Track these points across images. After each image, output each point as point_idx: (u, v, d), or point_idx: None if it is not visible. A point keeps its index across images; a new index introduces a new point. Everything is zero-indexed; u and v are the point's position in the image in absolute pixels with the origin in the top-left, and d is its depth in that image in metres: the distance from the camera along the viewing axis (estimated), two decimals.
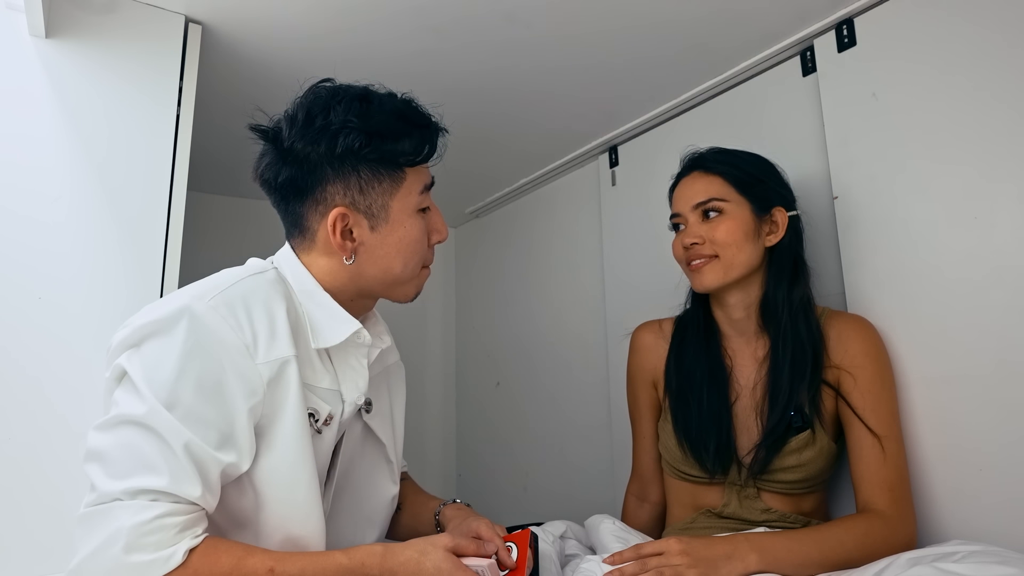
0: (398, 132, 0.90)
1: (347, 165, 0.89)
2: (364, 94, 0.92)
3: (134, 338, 0.80)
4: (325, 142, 0.88)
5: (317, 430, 0.89)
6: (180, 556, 0.72)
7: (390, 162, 0.90)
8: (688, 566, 0.90)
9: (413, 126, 0.92)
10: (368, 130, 0.88)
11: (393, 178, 0.91)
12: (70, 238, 1.09)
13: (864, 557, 0.93)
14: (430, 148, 0.93)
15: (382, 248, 0.92)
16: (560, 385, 1.97)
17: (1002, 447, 1.00)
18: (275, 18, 1.26)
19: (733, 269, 1.12)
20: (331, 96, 0.91)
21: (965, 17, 1.08)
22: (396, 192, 0.91)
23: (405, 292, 0.98)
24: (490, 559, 0.83)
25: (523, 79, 1.50)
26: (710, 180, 1.15)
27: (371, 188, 0.90)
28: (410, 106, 0.94)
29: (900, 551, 0.91)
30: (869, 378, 1.06)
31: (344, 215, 0.90)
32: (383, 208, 0.91)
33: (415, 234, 0.94)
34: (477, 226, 2.47)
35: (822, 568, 0.94)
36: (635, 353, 1.30)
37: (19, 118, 1.09)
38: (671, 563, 0.90)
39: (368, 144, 0.88)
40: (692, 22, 1.29)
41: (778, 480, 1.08)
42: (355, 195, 0.90)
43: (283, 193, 0.93)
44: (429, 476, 2.42)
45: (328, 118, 0.88)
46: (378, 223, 0.91)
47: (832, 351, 1.09)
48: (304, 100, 0.92)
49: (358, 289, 0.95)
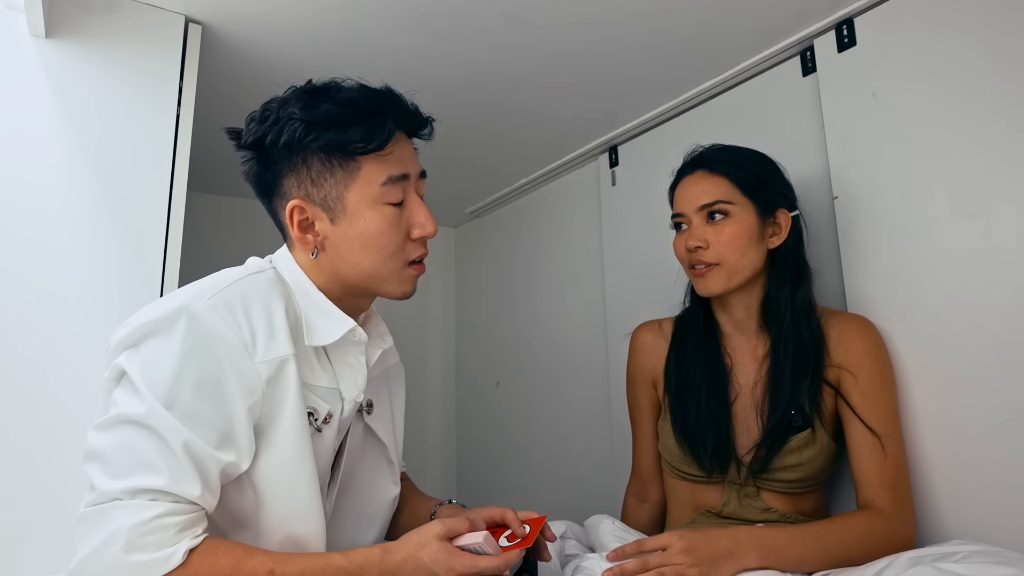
0: (345, 121, 0.88)
1: (296, 156, 0.90)
2: (319, 87, 0.92)
3: (133, 338, 0.80)
4: (272, 135, 0.89)
5: (317, 428, 0.89)
6: (180, 556, 0.72)
7: (339, 151, 0.89)
8: (689, 565, 0.90)
9: (364, 113, 0.89)
10: (310, 120, 0.87)
11: (346, 168, 0.89)
12: (70, 237, 1.09)
13: (864, 554, 0.93)
14: (383, 136, 0.89)
15: (346, 242, 0.90)
16: (560, 385, 1.97)
17: (1002, 447, 1.00)
18: (275, 18, 1.26)
19: (737, 275, 1.11)
20: (291, 92, 0.92)
21: (965, 17, 1.08)
22: (351, 183, 0.89)
23: (388, 289, 0.94)
24: (485, 532, 0.82)
25: (522, 79, 1.50)
26: (716, 181, 1.13)
27: (322, 179, 0.89)
28: (366, 94, 0.91)
29: (900, 549, 0.91)
30: (869, 377, 1.06)
31: (300, 208, 0.90)
32: (338, 200, 0.90)
33: (378, 226, 0.90)
34: (477, 226, 2.47)
35: (823, 565, 0.94)
36: (635, 353, 1.30)
37: (19, 118, 1.09)
38: (672, 562, 0.90)
39: (309, 133, 0.87)
40: (692, 22, 1.29)
41: (778, 479, 1.08)
42: (308, 187, 0.90)
43: (257, 190, 0.95)
44: (429, 476, 2.42)
45: (278, 112, 0.89)
46: (336, 216, 0.90)
47: (833, 351, 1.09)
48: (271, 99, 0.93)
49: (340, 286, 0.94)
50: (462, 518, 0.85)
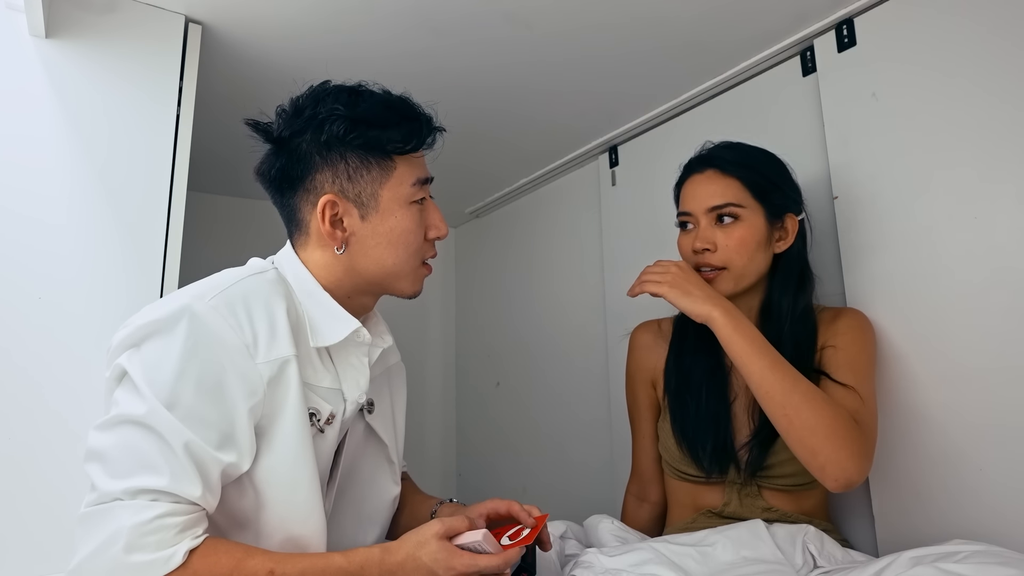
0: (385, 120, 0.91)
1: (334, 152, 0.91)
2: (355, 88, 0.94)
3: (134, 338, 0.80)
4: (312, 130, 0.90)
5: (320, 429, 0.89)
6: (180, 556, 0.72)
7: (378, 150, 0.91)
8: (669, 282, 1.05)
9: (401, 116, 0.93)
10: (354, 117, 0.90)
11: (382, 167, 0.92)
12: (70, 238, 1.09)
13: (807, 408, 0.94)
14: (419, 138, 0.93)
15: (373, 238, 0.92)
16: (560, 385, 1.97)
17: (1002, 447, 1.00)
18: (275, 18, 1.26)
19: (743, 279, 1.10)
20: (322, 90, 0.94)
21: (965, 17, 1.08)
22: (386, 181, 0.92)
23: (403, 287, 0.97)
24: (484, 530, 0.82)
25: (523, 79, 1.50)
26: (727, 183, 1.11)
27: (359, 176, 0.91)
28: (400, 99, 0.95)
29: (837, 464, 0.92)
30: (846, 345, 1.07)
31: (333, 202, 0.90)
32: (373, 196, 0.91)
33: (407, 225, 0.93)
34: (477, 226, 2.47)
35: (762, 382, 0.97)
36: (634, 352, 1.30)
37: (19, 118, 1.08)
38: (659, 270, 1.07)
39: (353, 130, 0.89)
40: (692, 22, 1.29)
41: (777, 475, 1.08)
42: (343, 183, 0.91)
43: (277, 185, 0.95)
44: (429, 475, 2.42)
45: (316, 108, 0.91)
46: (368, 212, 0.92)
47: (821, 335, 1.10)
48: (298, 95, 0.94)
49: (354, 284, 0.95)
50: (461, 517, 0.85)
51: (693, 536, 1.01)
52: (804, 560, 0.96)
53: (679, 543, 0.99)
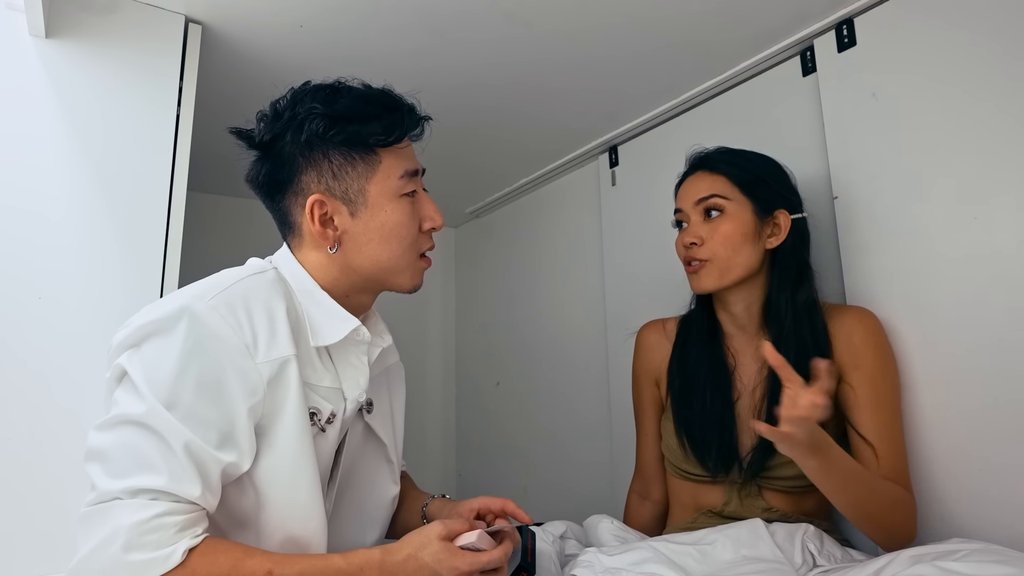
0: (365, 114, 0.90)
1: (316, 152, 0.90)
2: (333, 85, 0.94)
3: (134, 338, 0.80)
4: (292, 132, 0.90)
5: (320, 428, 0.89)
6: (179, 556, 0.72)
7: (360, 144, 0.91)
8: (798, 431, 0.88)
9: (382, 108, 0.92)
10: (332, 114, 0.89)
11: (367, 162, 0.91)
12: (70, 237, 1.09)
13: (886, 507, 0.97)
14: (401, 128, 0.92)
15: (365, 235, 0.92)
16: (560, 385, 1.97)
17: (1002, 446, 1.00)
18: (275, 19, 1.26)
19: (730, 272, 1.11)
20: (301, 91, 0.93)
21: (965, 17, 1.08)
22: (372, 176, 0.92)
23: (401, 282, 0.96)
24: (479, 530, 0.83)
25: (522, 78, 1.50)
26: (714, 179, 1.15)
27: (344, 173, 0.91)
28: (380, 91, 0.94)
29: (910, 524, 0.96)
30: (870, 373, 1.06)
31: (321, 202, 0.90)
32: (360, 192, 0.91)
33: (398, 218, 0.92)
34: (477, 226, 2.47)
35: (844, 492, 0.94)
36: (639, 352, 1.31)
37: (19, 118, 1.08)
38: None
39: (332, 127, 0.89)
40: (692, 22, 1.29)
41: (778, 476, 1.08)
42: (329, 181, 0.91)
43: (267, 191, 0.95)
44: (429, 475, 2.42)
45: (295, 109, 0.90)
46: (357, 209, 0.91)
47: (836, 349, 1.09)
48: (278, 98, 0.94)
49: (351, 282, 0.94)
50: (461, 519, 0.85)
51: (693, 535, 1.01)
52: (804, 559, 0.96)
53: (679, 542, 0.99)
